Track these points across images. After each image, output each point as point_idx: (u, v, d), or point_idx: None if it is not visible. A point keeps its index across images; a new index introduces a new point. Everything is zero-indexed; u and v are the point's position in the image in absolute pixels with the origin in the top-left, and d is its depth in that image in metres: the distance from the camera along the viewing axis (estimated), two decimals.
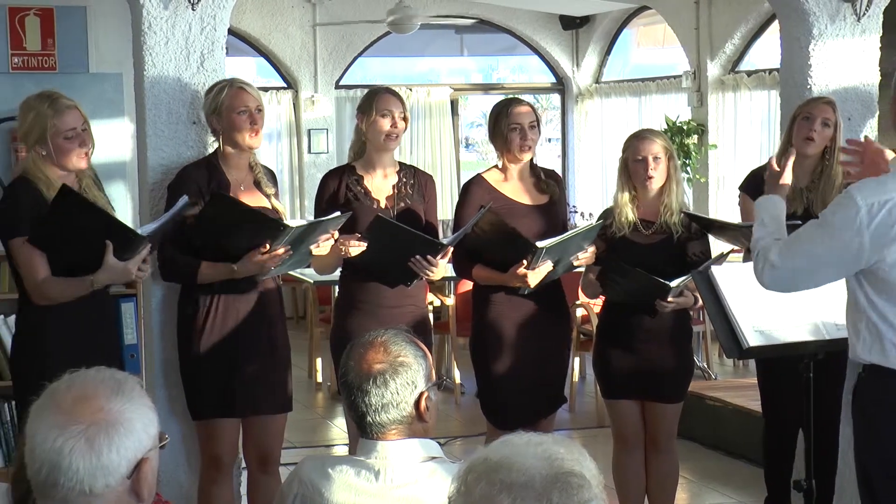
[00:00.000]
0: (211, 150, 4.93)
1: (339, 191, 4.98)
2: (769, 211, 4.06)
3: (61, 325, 4.42)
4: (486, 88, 14.59)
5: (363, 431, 2.92)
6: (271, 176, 4.94)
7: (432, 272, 4.85)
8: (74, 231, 4.33)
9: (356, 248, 4.76)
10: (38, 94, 4.47)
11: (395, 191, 5.02)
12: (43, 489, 2.13)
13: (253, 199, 4.76)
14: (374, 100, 4.97)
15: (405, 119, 5.00)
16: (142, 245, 4.34)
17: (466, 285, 7.90)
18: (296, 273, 7.33)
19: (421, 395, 2.90)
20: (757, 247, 3.90)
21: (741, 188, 5.49)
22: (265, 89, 11.95)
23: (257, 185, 4.83)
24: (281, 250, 4.55)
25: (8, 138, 6.50)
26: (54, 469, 2.10)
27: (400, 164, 5.14)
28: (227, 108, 4.70)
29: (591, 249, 5.02)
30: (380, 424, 2.88)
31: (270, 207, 4.79)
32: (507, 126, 5.05)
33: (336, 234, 4.75)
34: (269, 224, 4.57)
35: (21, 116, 4.45)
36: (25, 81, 6.45)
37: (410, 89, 12.93)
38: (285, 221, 4.57)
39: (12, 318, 5.94)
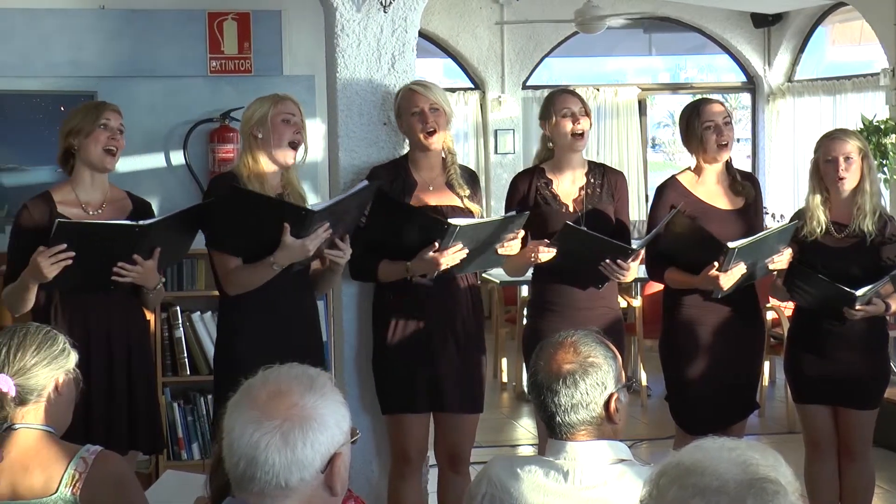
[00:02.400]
0: (403, 150, 5.00)
1: (528, 193, 4.97)
2: None
3: (258, 321, 4.51)
4: (674, 88, 14.40)
5: (552, 431, 2.91)
6: (470, 177, 4.95)
7: (623, 276, 4.80)
8: (248, 224, 4.42)
9: (545, 253, 4.74)
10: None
11: (584, 193, 4.98)
12: (241, 482, 2.18)
13: (442, 199, 4.79)
14: (552, 103, 4.95)
15: (587, 114, 4.96)
16: (315, 223, 4.37)
17: (654, 287, 7.82)
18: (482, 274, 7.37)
19: (611, 396, 2.88)
20: None
21: None
22: (452, 90, 12.03)
23: (450, 185, 4.86)
24: (453, 249, 4.58)
25: (206, 140, 6.68)
26: (251, 463, 2.15)
27: (589, 163, 5.09)
28: (403, 110, 4.78)
29: (788, 252, 4.90)
30: (569, 425, 2.87)
31: (463, 207, 4.81)
32: (700, 126, 4.97)
33: (522, 234, 4.75)
34: (433, 223, 4.59)
35: (247, 108, 4.64)
36: (222, 84, 6.62)
37: (598, 89, 12.85)
38: (450, 220, 4.57)
39: (208, 315, 6.15)
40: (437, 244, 4.54)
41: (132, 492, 3.13)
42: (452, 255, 4.58)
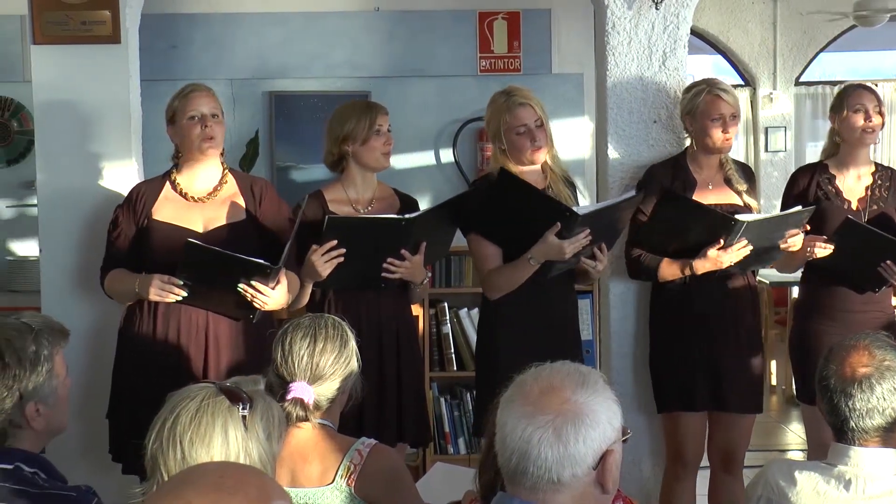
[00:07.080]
0: (675, 148, 4.94)
1: (808, 188, 4.86)
2: None
3: (519, 319, 4.52)
4: None
5: (841, 436, 2.84)
6: (746, 173, 4.87)
7: None
8: (510, 213, 4.42)
9: (823, 250, 4.61)
10: (503, 89, 4.63)
11: (869, 193, 4.82)
12: (513, 477, 2.19)
13: (722, 197, 4.72)
14: (846, 96, 4.82)
15: (881, 114, 4.79)
16: (578, 226, 4.33)
17: None
18: None
19: None
20: None
21: None
22: None
23: (728, 182, 4.78)
24: (737, 245, 4.49)
25: (475, 138, 6.76)
26: (523, 458, 2.16)
27: (876, 164, 4.94)
28: (701, 112, 4.69)
29: None
30: (863, 430, 2.79)
31: (742, 204, 4.73)
32: None
33: (806, 228, 4.63)
34: (720, 219, 4.52)
35: (486, 111, 4.64)
36: (491, 83, 6.68)
37: (876, 85, 12.37)
38: (737, 216, 4.50)
39: (475, 311, 6.23)
40: (721, 241, 4.48)
41: (404, 485, 3.19)
42: (737, 252, 4.51)
